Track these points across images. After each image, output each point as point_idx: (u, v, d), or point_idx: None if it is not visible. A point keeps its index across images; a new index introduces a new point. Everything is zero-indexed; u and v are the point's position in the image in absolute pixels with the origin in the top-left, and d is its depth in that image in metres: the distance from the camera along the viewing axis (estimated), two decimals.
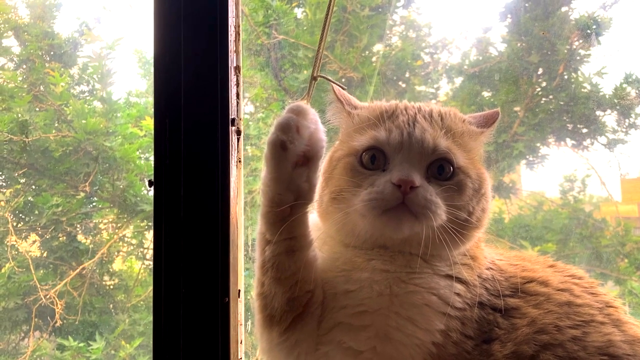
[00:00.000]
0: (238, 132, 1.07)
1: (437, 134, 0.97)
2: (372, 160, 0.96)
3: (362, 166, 0.97)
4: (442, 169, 0.96)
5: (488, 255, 1.04)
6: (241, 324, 1.10)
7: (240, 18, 1.10)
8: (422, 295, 0.92)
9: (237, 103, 1.07)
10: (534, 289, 0.96)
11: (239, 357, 1.07)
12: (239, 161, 1.10)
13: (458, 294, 0.93)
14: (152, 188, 1.03)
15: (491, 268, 1.00)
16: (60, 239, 3.26)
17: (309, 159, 0.93)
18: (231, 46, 1.02)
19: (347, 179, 0.97)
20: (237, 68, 1.06)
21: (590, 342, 0.89)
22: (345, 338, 0.93)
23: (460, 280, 0.95)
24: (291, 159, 0.91)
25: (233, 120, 1.03)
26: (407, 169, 0.92)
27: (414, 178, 0.91)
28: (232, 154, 1.04)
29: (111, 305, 3.30)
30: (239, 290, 1.08)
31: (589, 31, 2.70)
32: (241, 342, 1.09)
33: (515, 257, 1.06)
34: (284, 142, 0.90)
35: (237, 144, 1.09)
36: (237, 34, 1.07)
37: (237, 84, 1.06)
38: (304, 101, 1.04)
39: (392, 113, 1.02)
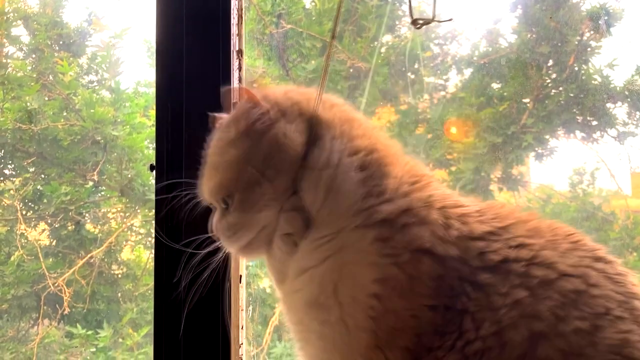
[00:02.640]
0: None
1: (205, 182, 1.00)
2: None
3: None
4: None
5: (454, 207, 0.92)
6: (242, 310, 1.10)
7: (244, 1, 1.09)
8: (334, 259, 0.90)
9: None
10: (524, 270, 0.84)
11: (240, 343, 1.07)
12: None
13: (383, 240, 0.88)
14: (154, 172, 1.03)
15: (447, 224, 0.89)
16: (69, 227, 3.28)
17: None
18: (233, 29, 1.02)
19: None
20: (240, 52, 1.06)
21: (601, 338, 0.77)
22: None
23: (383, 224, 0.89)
24: None
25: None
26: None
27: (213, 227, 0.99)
28: None
29: (119, 294, 3.32)
30: (240, 276, 1.08)
31: (600, 22, 2.67)
32: (242, 328, 1.09)
33: (519, 224, 0.91)
34: None
35: None
36: (240, 17, 1.06)
37: (240, 68, 1.05)
38: None
39: None
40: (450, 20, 1.06)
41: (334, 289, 0.88)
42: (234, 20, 1.01)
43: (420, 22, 1.07)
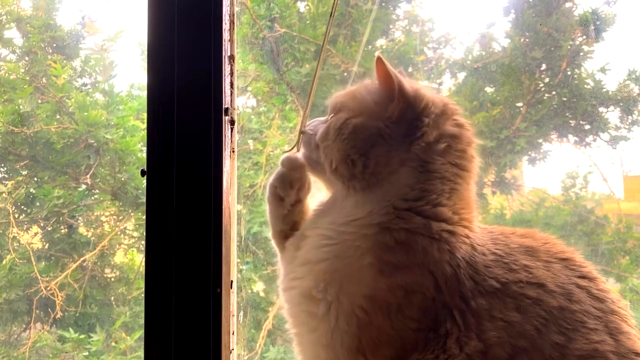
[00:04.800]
0: (232, 122, 1.07)
1: None
2: None
3: None
4: None
5: (474, 238, 0.96)
6: (233, 315, 1.10)
7: (235, 6, 1.09)
8: (331, 262, 0.96)
9: (231, 92, 1.06)
10: (521, 291, 0.89)
11: (231, 348, 1.07)
12: (233, 151, 1.10)
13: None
14: (145, 177, 1.03)
15: (459, 265, 0.93)
16: (62, 231, 3.27)
17: (300, 200, 1.10)
18: (225, 35, 1.02)
19: None
20: (232, 57, 1.06)
21: (572, 350, 0.84)
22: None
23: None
24: (287, 205, 1.09)
25: (227, 109, 1.03)
26: None
27: None
28: (225, 144, 1.03)
29: (112, 298, 3.31)
30: (231, 281, 1.08)
31: (592, 27, 2.69)
32: (233, 333, 1.09)
33: (514, 247, 0.96)
34: (280, 196, 1.09)
35: (231, 134, 1.08)
36: (232, 22, 1.06)
37: (231, 73, 1.05)
38: (293, 150, 1.13)
39: None
40: None
41: (325, 286, 0.93)
42: (225, 25, 1.01)
43: None
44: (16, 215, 3.22)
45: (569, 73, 2.81)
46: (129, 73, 3.49)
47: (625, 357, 0.84)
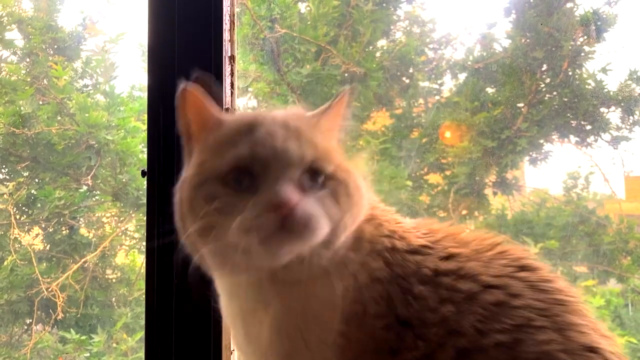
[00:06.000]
0: None
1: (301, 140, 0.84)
2: (238, 182, 0.82)
3: (230, 189, 0.83)
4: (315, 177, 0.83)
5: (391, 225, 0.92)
6: None
7: (236, 7, 1.09)
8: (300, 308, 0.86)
9: (232, 93, 1.06)
10: (452, 283, 0.83)
11: (232, 349, 1.07)
12: None
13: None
14: (146, 178, 1.03)
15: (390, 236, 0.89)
16: (63, 232, 3.27)
17: None
18: (225, 35, 1.02)
19: (213, 209, 0.83)
20: (232, 58, 1.06)
21: (521, 352, 0.77)
22: None
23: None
24: None
25: (227, 110, 1.03)
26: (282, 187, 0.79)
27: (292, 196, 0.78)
28: None
29: (113, 299, 3.31)
30: None
31: (593, 27, 2.69)
32: None
33: (448, 237, 0.92)
34: None
35: None
36: (232, 23, 1.06)
37: (232, 74, 1.05)
38: None
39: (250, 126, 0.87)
40: None
41: (302, 336, 0.85)
42: (226, 26, 1.01)
43: None
44: (17, 217, 3.22)
45: (570, 73, 2.80)
46: (129, 74, 3.49)
47: (575, 354, 0.78)
